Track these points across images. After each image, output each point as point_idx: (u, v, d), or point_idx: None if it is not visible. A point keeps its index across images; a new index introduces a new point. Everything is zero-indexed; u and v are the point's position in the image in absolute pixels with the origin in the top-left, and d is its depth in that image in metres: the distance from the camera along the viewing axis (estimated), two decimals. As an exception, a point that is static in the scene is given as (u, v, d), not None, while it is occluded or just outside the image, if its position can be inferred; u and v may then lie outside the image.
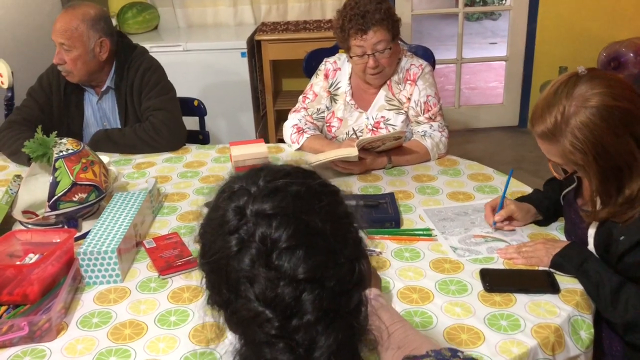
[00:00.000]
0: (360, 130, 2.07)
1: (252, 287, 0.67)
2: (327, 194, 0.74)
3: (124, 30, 3.76)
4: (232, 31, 3.80)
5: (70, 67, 2.09)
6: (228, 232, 0.69)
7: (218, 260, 0.70)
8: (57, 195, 1.52)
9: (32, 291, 1.26)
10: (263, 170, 0.75)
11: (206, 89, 3.52)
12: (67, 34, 2.04)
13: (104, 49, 2.11)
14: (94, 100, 2.23)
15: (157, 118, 2.12)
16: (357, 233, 0.75)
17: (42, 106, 2.19)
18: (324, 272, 0.68)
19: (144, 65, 2.19)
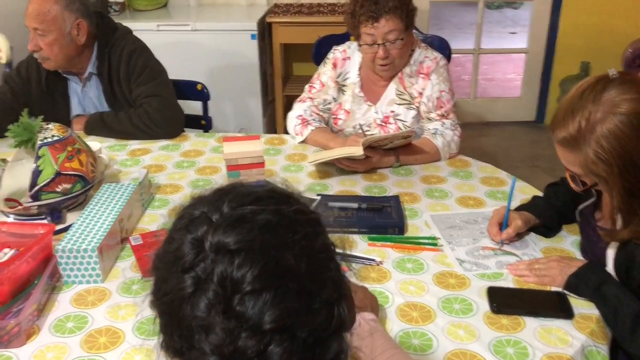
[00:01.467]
0: (368, 124, 1.95)
1: (208, 338, 0.56)
2: (304, 223, 0.63)
3: (132, 6, 3.66)
4: (243, 12, 3.67)
5: (46, 54, 1.95)
6: (182, 269, 0.58)
7: (170, 302, 0.59)
8: (39, 185, 1.43)
9: (2, 291, 1.17)
10: (230, 193, 0.64)
11: (213, 71, 3.41)
12: (40, 18, 1.89)
13: (81, 31, 1.96)
14: (78, 88, 2.11)
15: (151, 106, 2.00)
16: (337, 269, 0.64)
17: (17, 94, 2.05)
18: (296, 320, 0.57)
19: (128, 48, 2.04)
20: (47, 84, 2.06)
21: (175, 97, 2.14)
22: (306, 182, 1.73)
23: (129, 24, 3.37)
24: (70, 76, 2.09)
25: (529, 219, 1.43)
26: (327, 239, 0.66)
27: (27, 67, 2.07)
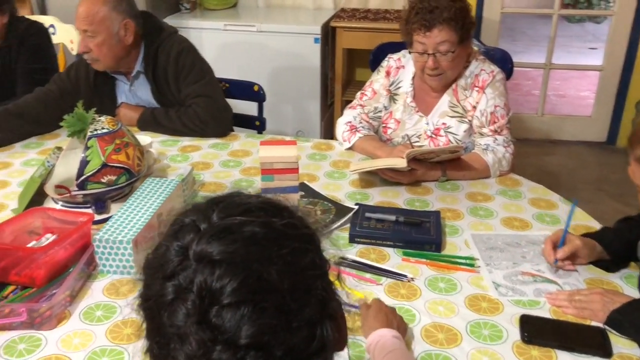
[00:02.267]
0: (418, 135, 1.91)
1: (182, 348, 0.55)
2: (293, 238, 0.61)
3: (203, 5, 3.76)
4: (310, 15, 3.69)
5: (96, 54, 2.00)
6: (165, 276, 0.58)
7: (151, 308, 0.59)
8: (86, 175, 1.48)
9: (38, 275, 1.22)
10: (222, 202, 0.63)
11: (274, 72, 3.45)
12: (89, 19, 1.95)
13: (128, 31, 2.01)
14: (126, 87, 2.16)
15: (200, 106, 2.03)
16: (325, 289, 0.62)
17: (64, 93, 2.10)
18: (273, 338, 0.55)
19: (176, 48, 2.07)
20: (95, 85, 2.11)
21: (223, 96, 2.17)
22: (347, 190, 1.71)
23: (198, 22, 3.50)
24: (118, 76, 2.14)
25: (592, 246, 1.35)
26: (318, 256, 0.64)
27: (76, 69, 2.13)
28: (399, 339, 1.08)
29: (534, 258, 1.40)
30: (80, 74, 2.11)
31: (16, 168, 1.85)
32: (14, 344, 1.14)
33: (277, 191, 1.26)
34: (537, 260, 1.39)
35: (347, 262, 1.39)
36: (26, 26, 2.26)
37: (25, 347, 1.13)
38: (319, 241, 0.66)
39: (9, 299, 1.21)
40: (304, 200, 1.62)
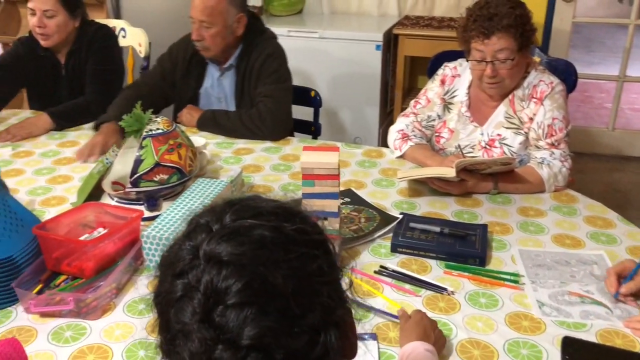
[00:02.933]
0: (472, 145, 1.87)
1: (187, 345, 0.57)
2: (302, 244, 0.61)
3: (269, 11, 3.83)
4: (373, 22, 3.69)
5: (208, 43, 2.12)
6: (175, 273, 0.60)
7: (161, 304, 0.61)
8: (139, 173, 1.54)
9: (87, 266, 1.28)
10: (235, 204, 0.64)
11: (335, 79, 3.46)
12: (208, 11, 2.06)
13: (241, 24, 2.13)
14: (216, 75, 2.26)
15: (265, 105, 2.10)
16: (333, 296, 0.62)
17: (165, 74, 2.28)
18: (274, 341, 0.56)
19: (267, 50, 2.18)
20: (189, 65, 2.24)
21: (290, 106, 2.24)
22: (394, 199, 1.70)
23: (262, 27, 3.56)
24: (212, 63, 2.24)
25: None
26: (327, 263, 0.63)
27: (177, 49, 2.27)
28: (431, 353, 1.06)
29: (583, 278, 1.34)
30: (179, 55, 2.25)
31: (79, 164, 1.94)
32: (62, 331, 1.20)
33: (317, 197, 1.27)
34: (586, 281, 1.33)
35: (387, 271, 1.37)
36: (95, 29, 2.38)
37: (72, 334, 1.19)
38: (330, 249, 0.66)
39: (59, 287, 1.27)
40: (348, 207, 1.62)
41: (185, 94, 2.27)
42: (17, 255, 1.25)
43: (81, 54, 2.34)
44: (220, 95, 2.28)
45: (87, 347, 1.16)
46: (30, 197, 1.73)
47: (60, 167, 1.93)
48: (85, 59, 2.34)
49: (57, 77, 2.38)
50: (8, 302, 1.25)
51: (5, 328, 1.20)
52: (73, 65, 2.35)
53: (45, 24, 2.22)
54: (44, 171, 1.90)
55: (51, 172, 1.89)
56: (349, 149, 2.04)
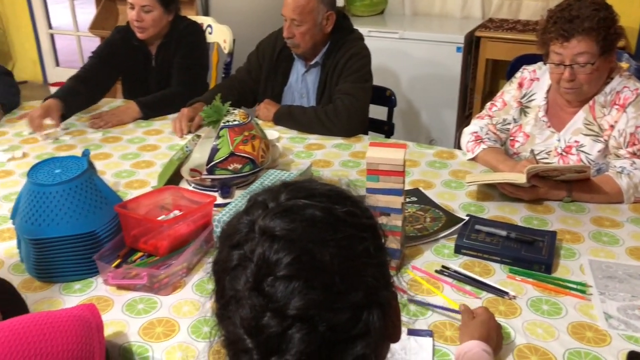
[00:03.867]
0: (547, 151, 1.82)
1: (238, 311, 0.61)
2: (351, 226, 0.64)
3: (351, 11, 3.86)
4: (455, 24, 3.64)
5: (298, 41, 2.19)
6: (232, 244, 0.64)
7: (218, 271, 0.66)
8: (215, 162, 1.62)
9: (162, 245, 1.37)
10: (290, 185, 0.68)
11: (413, 79, 3.45)
12: (299, 10, 2.14)
13: (329, 21, 2.19)
14: (301, 71, 2.33)
15: (343, 102, 2.14)
16: (378, 278, 0.64)
17: (251, 70, 2.38)
18: (318, 313, 0.59)
19: (353, 50, 2.22)
20: (276, 61, 2.33)
21: (368, 106, 2.27)
22: (462, 201, 1.68)
23: (343, 27, 3.60)
24: (299, 59, 2.32)
25: None
26: (374, 246, 0.66)
27: (264, 46, 2.37)
28: (489, 355, 1.05)
29: (657, 294, 1.28)
30: (267, 51, 2.35)
31: (162, 150, 2.06)
32: (135, 303, 1.28)
33: (381, 192, 1.29)
34: (660, 297, 1.27)
35: (448, 271, 1.37)
36: (186, 25, 2.51)
37: (143, 307, 1.27)
38: (380, 233, 0.68)
39: (136, 263, 1.36)
40: (415, 206, 1.62)
41: (271, 89, 2.35)
42: (100, 230, 1.35)
43: (171, 47, 2.47)
44: (303, 92, 2.34)
45: (156, 319, 1.24)
46: (116, 179, 1.85)
47: (144, 153, 2.05)
48: (174, 52, 2.47)
49: (148, 67, 2.53)
50: (89, 273, 1.36)
51: (86, 296, 1.31)
52: (163, 57, 2.49)
53: (142, 17, 2.37)
54: (129, 156, 2.03)
55: (136, 157, 2.02)
56: (420, 148, 2.04)
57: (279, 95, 2.36)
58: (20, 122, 2.32)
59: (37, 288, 1.34)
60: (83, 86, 2.33)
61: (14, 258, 1.44)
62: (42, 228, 1.30)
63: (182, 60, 2.47)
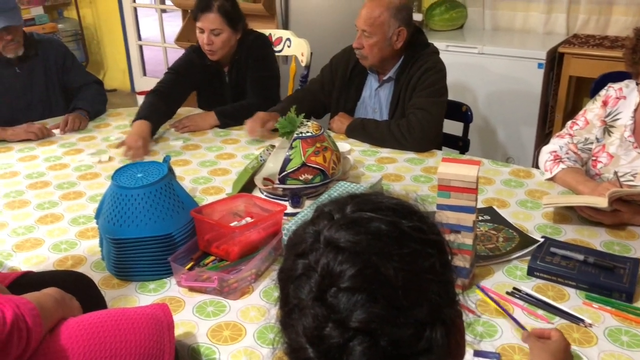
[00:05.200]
0: (633, 174, 1.73)
1: (300, 319, 0.62)
2: (417, 241, 0.63)
3: (429, 26, 3.84)
4: (538, 39, 3.54)
5: (366, 53, 2.21)
6: (297, 253, 0.65)
7: (283, 279, 0.67)
8: (287, 172, 1.65)
9: (233, 251, 1.41)
10: (357, 198, 0.68)
11: (491, 95, 3.38)
12: (370, 21, 2.15)
13: (400, 37, 2.18)
14: (374, 86, 2.34)
15: (416, 116, 2.12)
16: (442, 295, 0.63)
17: (324, 83, 2.41)
18: (380, 327, 0.59)
19: (427, 64, 2.20)
20: (350, 76, 2.35)
21: (442, 122, 2.24)
22: (537, 222, 1.63)
23: (420, 41, 3.58)
24: (372, 74, 2.33)
25: None
26: (440, 263, 0.65)
27: (337, 60, 2.40)
28: None
29: None
30: (340, 66, 2.38)
31: (237, 159, 2.12)
32: (205, 306, 1.33)
33: (452, 209, 1.27)
34: None
35: (520, 294, 1.33)
36: (253, 38, 2.57)
37: (213, 310, 1.31)
38: (446, 250, 0.67)
39: (207, 267, 1.41)
40: (487, 224, 1.59)
41: (344, 104, 2.37)
42: (176, 233, 1.41)
43: (241, 62, 2.54)
44: (376, 107, 2.34)
45: (224, 323, 1.27)
46: (193, 185, 1.92)
47: (221, 161, 2.12)
48: (245, 67, 2.54)
49: (222, 84, 2.62)
50: (164, 274, 1.41)
51: (160, 296, 1.36)
52: (235, 74, 2.57)
53: (213, 40, 2.44)
54: (207, 163, 2.10)
55: (213, 165, 2.09)
56: (495, 166, 1.99)
57: (351, 110, 2.38)
58: (108, 128, 2.46)
59: (115, 285, 1.41)
60: (162, 102, 2.42)
61: (96, 256, 1.52)
62: (122, 229, 1.37)
63: (254, 75, 2.53)
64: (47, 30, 4.34)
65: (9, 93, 2.50)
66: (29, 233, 1.65)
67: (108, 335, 1.01)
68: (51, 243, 1.60)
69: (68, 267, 1.48)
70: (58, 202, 1.83)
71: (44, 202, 1.83)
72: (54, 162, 2.15)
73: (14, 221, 1.72)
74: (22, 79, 2.53)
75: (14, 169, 2.11)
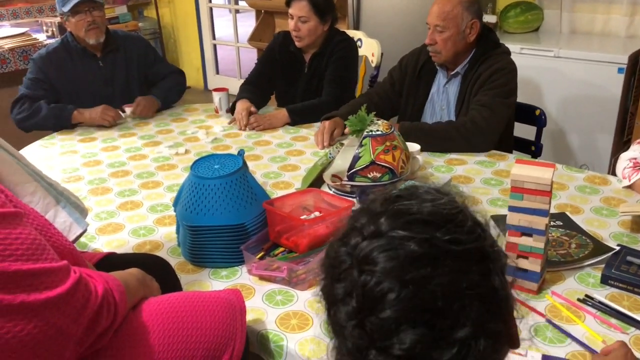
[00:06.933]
0: None
1: (344, 343, 0.62)
2: (454, 256, 0.61)
3: (503, 28, 3.77)
4: (618, 43, 3.40)
5: (439, 47, 2.20)
6: (334, 277, 0.65)
7: (325, 299, 0.68)
8: (355, 169, 1.68)
9: (302, 243, 1.44)
10: (390, 205, 0.66)
11: (566, 99, 3.28)
12: (443, 16, 2.15)
13: (473, 30, 2.17)
14: (443, 82, 2.33)
15: (480, 113, 2.10)
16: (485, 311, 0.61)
17: (394, 83, 2.43)
18: (423, 352, 0.58)
19: (498, 65, 2.17)
20: (419, 74, 2.36)
21: (503, 123, 2.19)
22: (613, 230, 1.58)
23: (494, 44, 3.52)
24: (441, 69, 2.33)
25: None
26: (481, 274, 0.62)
27: (407, 60, 2.42)
28: None
29: None
30: (409, 66, 2.39)
31: (306, 156, 2.17)
32: (274, 294, 1.37)
33: (524, 211, 1.25)
34: None
35: (592, 301, 1.30)
36: (340, 40, 2.62)
37: (281, 299, 1.35)
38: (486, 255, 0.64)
39: (277, 257, 1.45)
40: (560, 230, 1.55)
41: (413, 103, 2.37)
42: (248, 223, 1.46)
43: (324, 58, 2.60)
44: (443, 104, 2.33)
45: (292, 312, 1.31)
46: (264, 179, 1.98)
47: (291, 157, 2.18)
48: (326, 63, 2.60)
49: (300, 74, 2.68)
50: (236, 262, 1.47)
51: (231, 283, 1.42)
52: (315, 66, 2.63)
53: (299, 27, 2.53)
54: (277, 159, 2.16)
55: (283, 161, 2.14)
56: (569, 171, 1.94)
57: (420, 108, 2.37)
58: (184, 123, 2.57)
59: (189, 271, 1.48)
60: (256, 89, 2.64)
61: (172, 242, 1.60)
62: (199, 216, 1.43)
63: (333, 73, 2.58)
64: (130, 28, 4.55)
65: (93, 85, 2.65)
66: (110, 218, 1.75)
67: (185, 316, 1.07)
68: (131, 228, 1.69)
69: (146, 251, 1.56)
70: (137, 190, 1.93)
71: (124, 189, 1.94)
72: (134, 153, 2.26)
73: (97, 206, 1.83)
74: (104, 71, 2.68)
75: (98, 157, 2.24)
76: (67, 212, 1.25)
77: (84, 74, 2.64)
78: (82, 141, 2.42)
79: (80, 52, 2.63)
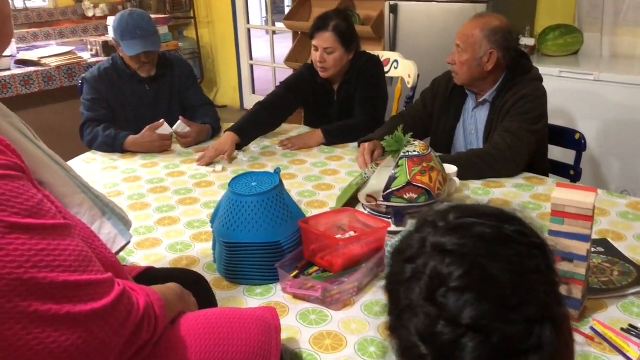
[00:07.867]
0: None
1: (413, 319, 0.64)
2: (521, 243, 0.65)
3: (542, 51, 3.73)
4: (661, 67, 3.34)
5: (456, 69, 2.23)
6: (405, 259, 0.69)
7: (392, 284, 0.70)
8: (391, 189, 1.67)
9: (336, 262, 1.44)
10: (458, 207, 0.72)
11: (606, 124, 3.22)
12: (463, 38, 2.17)
13: (491, 60, 2.16)
14: (472, 106, 2.33)
15: (503, 139, 2.09)
16: (549, 294, 0.64)
17: (426, 104, 2.43)
18: (491, 324, 0.61)
19: (524, 91, 2.15)
20: (450, 96, 2.36)
21: (528, 148, 2.14)
22: (657, 257, 1.53)
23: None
24: (471, 94, 2.33)
25: None
26: (544, 264, 0.66)
27: (439, 82, 2.43)
28: None
29: None
30: (441, 87, 2.40)
31: (341, 176, 2.18)
32: (308, 314, 1.37)
33: (565, 236, 1.22)
34: None
35: (637, 332, 1.26)
36: (365, 60, 2.63)
37: (315, 318, 1.35)
38: (548, 252, 0.68)
39: (312, 276, 1.45)
40: (601, 257, 1.52)
41: (444, 124, 2.37)
42: (284, 241, 1.47)
43: (352, 82, 2.61)
44: (472, 128, 2.32)
45: (326, 332, 1.30)
46: (299, 198, 1.99)
47: (326, 176, 2.18)
48: (355, 87, 2.61)
49: (330, 102, 2.69)
50: (271, 279, 1.48)
51: (266, 301, 1.42)
52: (344, 93, 2.64)
53: (325, 59, 2.54)
54: (312, 178, 2.17)
55: (318, 180, 2.15)
56: (610, 197, 1.90)
57: (451, 129, 2.36)
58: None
59: (225, 287, 1.49)
60: (266, 112, 2.58)
61: (208, 258, 1.62)
62: (236, 233, 1.45)
63: (363, 93, 2.59)
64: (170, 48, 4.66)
65: (138, 107, 2.70)
66: (148, 233, 1.79)
67: (222, 332, 1.07)
68: (168, 243, 1.71)
69: (183, 266, 1.58)
70: (175, 206, 1.97)
71: (162, 205, 1.98)
72: (173, 170, 2.31)
73: (136, 221, 1.86)
74: (150, 94, 2.72)
75: (137, 174, 2.29)
76: (112, 224, 1.28)
77: (131, 96, 2.68)
78: (122, 157, 2.48)
79: (129, 76, 2.67)
